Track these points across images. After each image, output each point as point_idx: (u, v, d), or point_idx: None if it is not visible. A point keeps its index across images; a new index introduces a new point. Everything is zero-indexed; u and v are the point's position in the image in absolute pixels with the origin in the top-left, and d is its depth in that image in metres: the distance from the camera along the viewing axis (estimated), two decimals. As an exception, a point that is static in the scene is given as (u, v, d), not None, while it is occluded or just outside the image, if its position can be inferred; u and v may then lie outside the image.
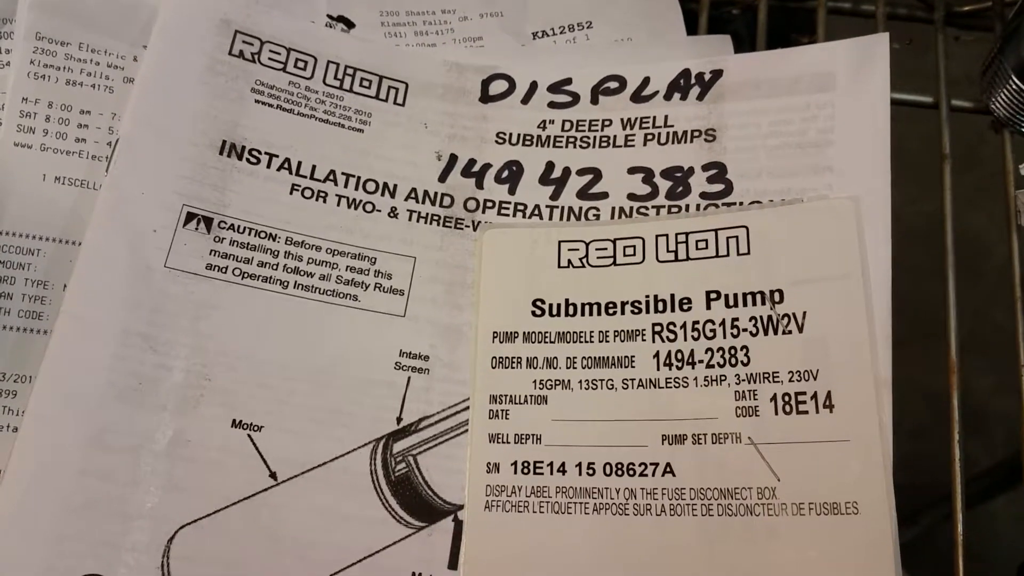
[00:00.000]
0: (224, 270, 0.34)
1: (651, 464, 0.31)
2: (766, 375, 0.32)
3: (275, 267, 0.35)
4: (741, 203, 0.35)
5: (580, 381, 0.33)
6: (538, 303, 0.35)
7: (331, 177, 0.37)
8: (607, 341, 0.34)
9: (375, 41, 0.40)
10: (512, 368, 0.34)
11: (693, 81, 0.38)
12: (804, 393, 0.31)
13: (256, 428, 0.32)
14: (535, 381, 0.34)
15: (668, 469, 0.31)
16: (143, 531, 0.30)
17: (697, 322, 0.33)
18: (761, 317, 0.33)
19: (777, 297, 0.33)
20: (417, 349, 0.34)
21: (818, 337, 0.32)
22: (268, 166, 0.36)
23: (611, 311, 0.34)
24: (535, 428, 0.33)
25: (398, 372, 0.34)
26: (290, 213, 0.36)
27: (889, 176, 0.35)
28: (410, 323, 0.35)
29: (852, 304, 0.32)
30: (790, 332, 0.32)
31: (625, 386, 0.33)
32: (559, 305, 0.35)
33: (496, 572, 0.31)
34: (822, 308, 0.32)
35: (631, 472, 0.31)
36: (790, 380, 0.32)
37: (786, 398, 0.31)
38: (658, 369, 0.33)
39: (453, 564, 0.31)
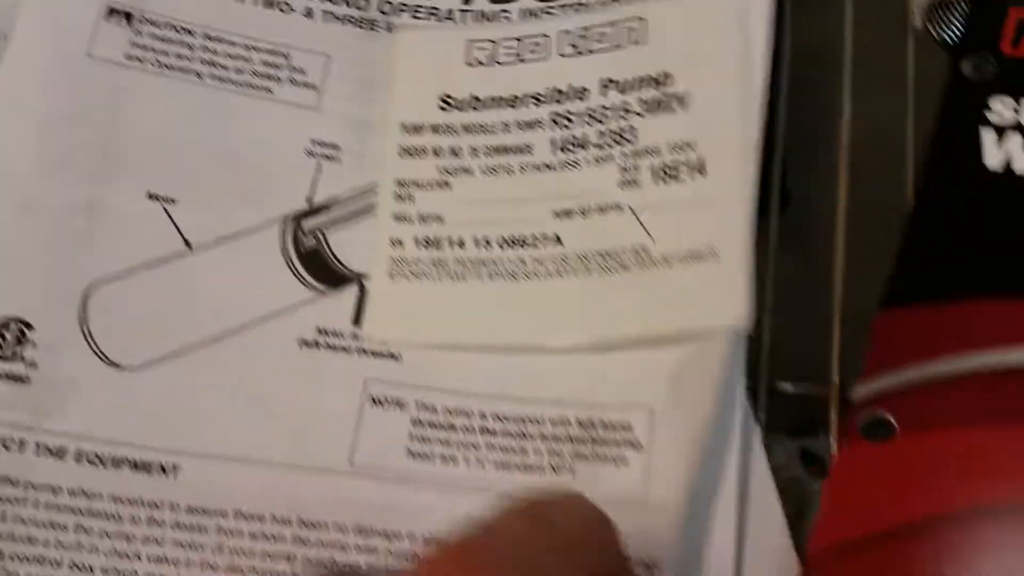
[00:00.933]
0: (143, 60, 0.36)
1: (541, 236, 0.34)
2: (648, 150, 0.34)
3: (191, 59, 0.36)
4: None
5: (481, 167, 0.35)
6: (446, 98, 0.37)
7: (248, -22, 0.38)
8: (508, 132, 0.36)
9: None
10: (419, 157, 0.36)
11: None
12: (681, 162, 0.33)
13: (170, 201, 0.34)
14: (439, 167, 0.35)
15: (557, 239, 0.33)
16: (62, 285, 0.32)
17: (592, 109, 0.35)
18: (650, 99, 0.35)
19: (665, 79, 0.35)
20: (329, 139, 0.36)
21: (698, 113, 0.34)
22: None
23: (514, 105, 0.36)
24: (438, 209, 0.35)
25: (310, 159, 0.35)
26: (207, 11, 0.37)
27: None
28: (323, 115, 0.36)
29: (731, 82, 0.34)
30: (674, 110, 0.34)
31: (523, 171, 0.35)
32: (466, 101, 0.36)
33: (396, 327, 0.33)
34: (706, 87, 0.34)
35: (523, 244, 0.34)
36: (670, 152, 0.33)
37: (665, 169, 0.33)
38: (554, 154, 0.35)
39: (356, 320, 0.33)
